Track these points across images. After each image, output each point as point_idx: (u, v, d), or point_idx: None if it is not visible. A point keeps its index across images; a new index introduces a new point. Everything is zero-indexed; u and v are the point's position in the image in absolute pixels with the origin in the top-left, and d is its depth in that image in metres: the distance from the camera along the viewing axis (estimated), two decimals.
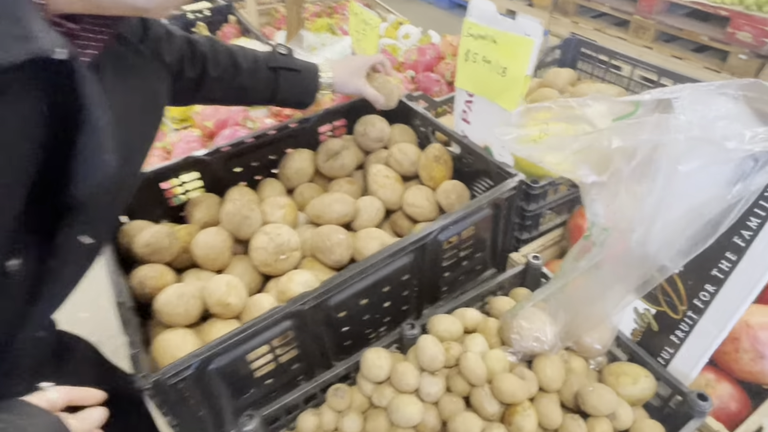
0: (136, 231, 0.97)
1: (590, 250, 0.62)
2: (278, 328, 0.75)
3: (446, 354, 0.79)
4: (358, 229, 1.08)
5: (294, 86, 1.02)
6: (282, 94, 1.02)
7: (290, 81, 1.01)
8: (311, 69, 1.04)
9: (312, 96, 1.05)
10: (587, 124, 0.54)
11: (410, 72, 1.71)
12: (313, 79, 1.04)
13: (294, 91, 1.03)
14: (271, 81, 1.00)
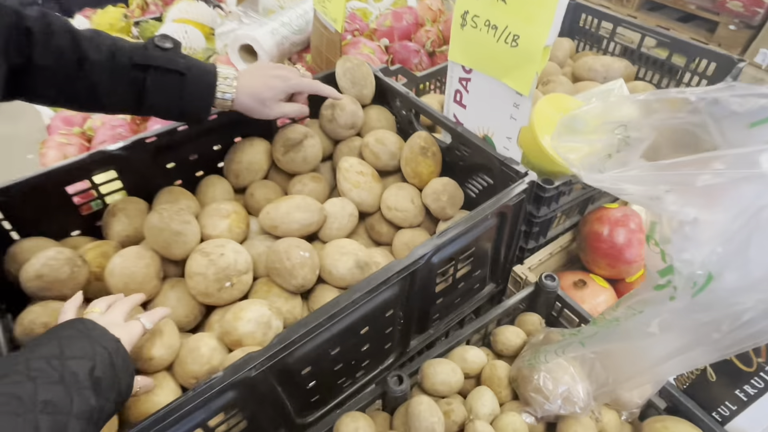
0: (28, 254, 0.73)
1: (663, 303, 0.43)
2: (217, 403, 0.54)
3: (446, 419, 0.59)
4: (327, 239, 0.86)
5: (171, 93, 0.72)
6: (152, 101, 0.72)
7: (166, 86, 0.72)
8: (204, 73, 0.74)
9: (204, 109, 0.76)
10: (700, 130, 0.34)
11: (384, 40, 1.47)
12: (205, 87, 0.74)
13: (172, 100, 0.73)
14: (135, 82, 0.71)
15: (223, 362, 0.68)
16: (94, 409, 0.45)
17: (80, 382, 0.45)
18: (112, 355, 0.50)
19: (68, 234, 0.84)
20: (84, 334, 0.50)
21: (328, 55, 1.25)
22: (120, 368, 0.50)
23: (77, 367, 0.46)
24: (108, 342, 0.51)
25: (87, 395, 0.45)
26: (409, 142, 0.90)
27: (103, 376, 0.47)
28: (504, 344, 0.73)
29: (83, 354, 0.47)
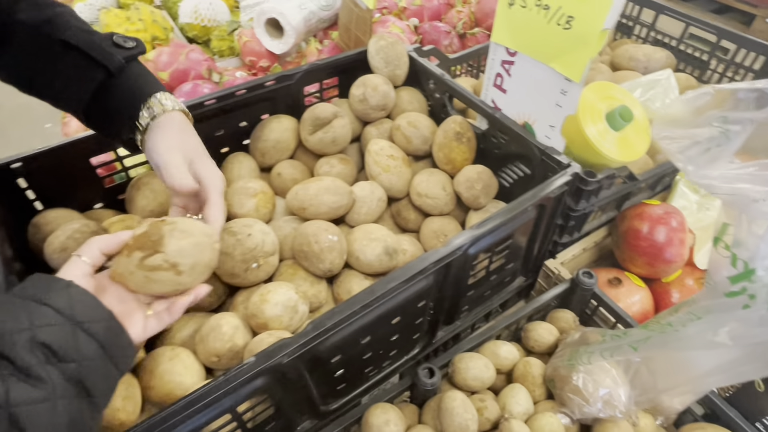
0: (52, 225, 0.71)
1: (733, 311, 0.40)
2: (246, 389, 0.52)
3: (479, 416, 0.57)
4: (354, 224, 0.84)
5: (85, 80, 0.56)
6: (60, 83, 0.57)
7: (85, 72, 0.56)
8: (144, 82, 0.59)
9: (118, 126, 0.59)
10: None
11: (413, 20, 1.42)
12: (135, 94, 0.58)
13: (82, 87, 0.57)
14: (50, 56, 0.56)
15: (247, 343, 0.66)
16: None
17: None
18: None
19: (91, 206, 0.82)
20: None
21: (358, 33, 1.21)
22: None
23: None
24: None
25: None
26: (443, 126, 0.86)
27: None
28: (536, 341, 0.71)
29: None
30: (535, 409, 0.61)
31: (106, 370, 0.41)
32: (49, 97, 0.61)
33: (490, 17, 1.38)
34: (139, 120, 0.58)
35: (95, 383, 0.40)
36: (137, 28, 1.31)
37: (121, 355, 0.43)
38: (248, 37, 1.32)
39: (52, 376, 0.37)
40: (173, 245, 0.48)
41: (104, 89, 0.58)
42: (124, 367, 0.43)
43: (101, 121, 0.61)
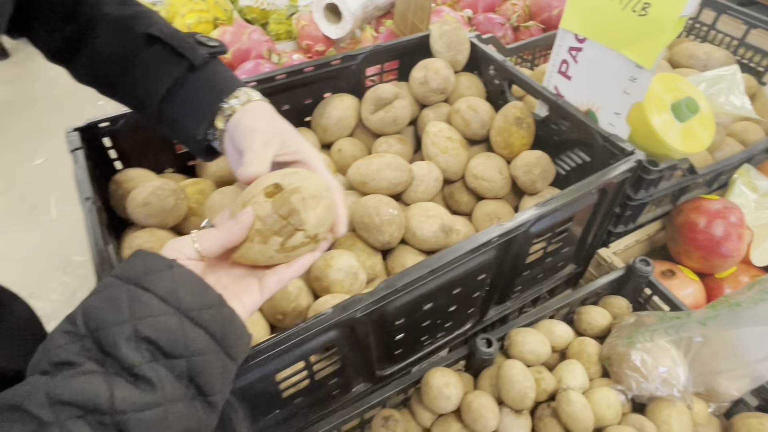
0: (132, 183, 0.76)
1: None
2: (320, 339, 0.55)
3: (537, 387, 0.59)
4: (411, 202, 0.86)
5: (165, 72, 0.53)
6: (138, 74, 0.54)
7: (167, 64, 0.53)
8: (227, 76, 0.55)
9: (198, 121, 0.53)
10: None
11: (467, 11, 1.43)
12: (218, 90, 0.53)
13: (161, 79, 0.53)
14: (134, 48, 0.54)
15: (309, 305, 0.70)
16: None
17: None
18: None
19: (163, 170, 0.86)
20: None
21: (414, 21, 1.23)
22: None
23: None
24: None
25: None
26: (502, 111, 0.88)
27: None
28: (589, 324, 0.72)
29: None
30: (590, 385, 0.62)
31: (220, 363, 0.35)
32: (127, 94, 0.57)
33: (545, 11, 1.38)
34: (221, 111, 0.52)
35: (209, 380, 0.34)
36: (201, 8, 1.36)
37: (235, 344, 0.36)
38: (306, 21, 1.36)
39: (160, 376, 0.32)
40: (311, 218, 0.41)
41: (183, 83, 0.53)
42: (239, 358, 0.38)
43: (175, 119, 0.55)
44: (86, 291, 1.04)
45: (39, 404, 0.29)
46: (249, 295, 0.41)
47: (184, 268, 0.35)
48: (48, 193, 2.06)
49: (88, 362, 0.31)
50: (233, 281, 0.42)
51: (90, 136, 0.75)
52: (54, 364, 0.31)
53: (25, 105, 2.49)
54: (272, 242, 0.41)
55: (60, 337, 0.32)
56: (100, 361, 0.31)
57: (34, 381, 0.30)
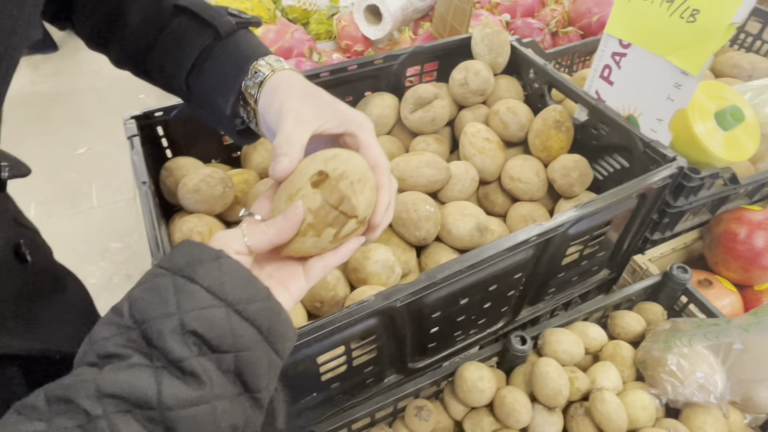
0: (182, 170, 0.79)
1: None
2: (361, 326, 0.57)
3: (570, 385, 0.60)
4: (447, 200, 0.87)
5: (191, 42, 0.50)
6: (167, 46, 0.51)
7: (193, 34, 0.50)
8: (242, 49, 0.49)
9: (224, 95, 0.48)
10: None
11: (506, 15, 1.44)
12: (235, 64, 0.48)
13: (187, 51, 0.50)
14: (161, 20, 0.51)
15: (347, 295, 0.72)
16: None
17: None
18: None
19: (209, 160, 0.90)
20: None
21: (454, 23, 1.24)
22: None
23: None
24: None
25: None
26: (542, 114, 0.89)
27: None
28: (623, 328, 0.72)
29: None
30: (624, 388, 0.63)
31: (267, 359, 0.34)
32: (158, 71, 0.54)
33: (584, 17, 1.38)
34: (247, 84, 0.47)
35: (256, 376, 0.33)
36: (246, 7, 1.40)
37: (281, 339, 0.35)
38: (346, 22, 1.39)
39: (208, 371, 0.31)
40: (362, 203, 0.39)
41: (210, 53, 0.49)
42: (285, 353, 0.36)
43: (204, 95, 0.51)
44: (122, 276, 1.10)
45: (87, 397, 0.28)
46: (295, 282, 0.39)
47: (232, 260, 0.34)
48: (90, 181, 2.15)
49: (135, 355, 0.30)
50: (277, 269, 0.40)
51: (145, 125, 0.79)
52: (101, 356, 0.31)
53: (71, 96, 2.60)
54: (326, 234, 0.39)
55: (106, 328, 0.32)
56: (147, 354, 0.30)
57: (83, 373, 0.30)
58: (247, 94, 0.47)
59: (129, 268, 1.83)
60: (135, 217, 2.03)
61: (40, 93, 2.61)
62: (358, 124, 0.44)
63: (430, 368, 0.74)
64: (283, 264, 0.40)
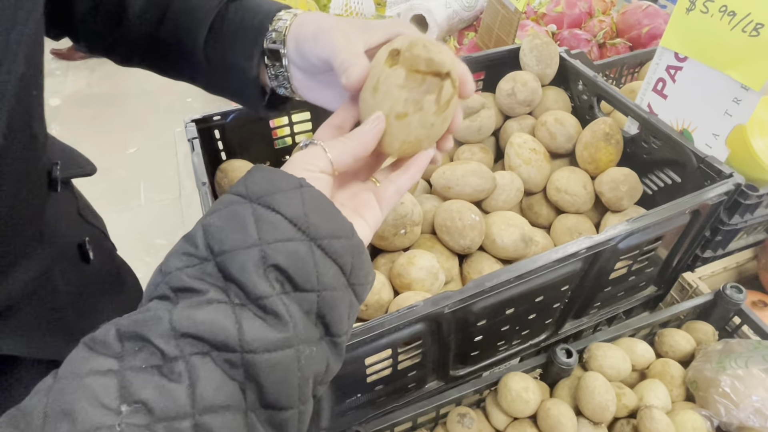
0: (237, 172, 0.82)
1: None
2: (408, 330, 0.58)
3: (617, 401, 0.59)
4: (492, 210, 0.88)
5: (198, 17, 0.46)
6: (171, 23, 0.47)
7: (198, 6, 0.47)
8: (262, 3, 0.46)
9: (248, 56, 0.45)
10: None
11: (552, 26, 1.43)
12: (254, 21, 0.45)
13: (195, 27, 0.47)
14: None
15: (391, 300, 0.73)
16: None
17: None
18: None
19: (261, 163, 0.93)
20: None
21: (501, 34, 1.25)
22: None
23: None
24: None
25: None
26: (591, 126, 0.88)
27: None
28: (671, 346, 0.70)
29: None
30: (673, 408, 0.61)
31: (348, 300, 0.31)
32: (173, 53, 0.49)
33: (634, 28, 1.36)
34: (271, 33, 0.43)
35: (338, 319, 0.30)
36: None
37: (362, 281, 0.32)
38: None
39: (291, 312, 0.28)
40: (446, 57, 0.36)
41: (224, 16, 0.46)
42: (363, 297, 0.33)
43: (223, 61, 0.47)
44: None
45: (162, 335, 0.26)
46: (370, 211, 0.37)
47: (315, 189, 0.31)
48: (138, 180, 2.25)
49: (212, 289, 0.27)
50: (349, 198, 0.38)
51: (203, 128, 0.83)
52: (175, 289, 0.28)
53: (123, 98, 2.73)
54: (427, 104, 0.35)
55: (178, 258, 0.29)
56: (224, 288, 0.28)
57: (156, 308, 0.27)
58: (272, 47, 0.44)
59: None
60: (179, 216, 2.11)
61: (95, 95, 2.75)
62: (403, 25, 0.41)
63: (470, 377, 0.75)
64: (356, 193, 0.38)
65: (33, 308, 0.43)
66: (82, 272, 0.53)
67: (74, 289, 0.51)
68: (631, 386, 0.64)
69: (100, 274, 0.59)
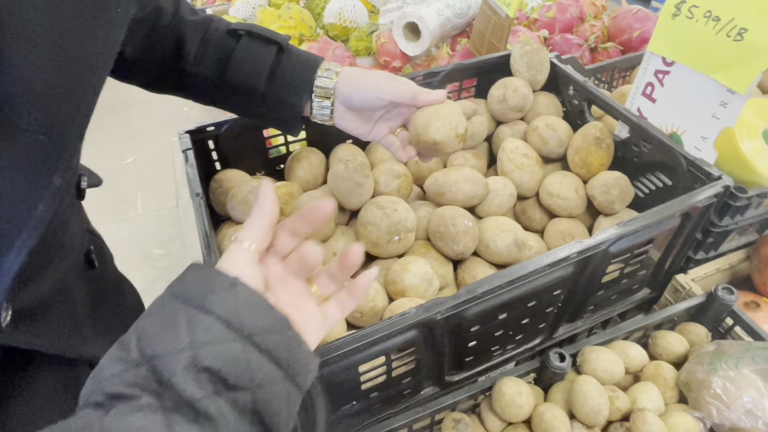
0: (231, 182, 0.83)
1: None
2: (402, 337, 0.58)
3: (611, 405, 0.59)
4: (485, 215, 0.88)
5: (260, 67, 0.59)
6: (236, 72, 0.60)
7: (258, 57, 0.60)
8: (307, 55, 0.62)
9: (299, 95, 0.60)
10: None
11: (544, 32, 1.44)
12: (304, 69, 0.61)
13: (259, 77, 0.60)
14: (225, 48, 0.60)
15: (385, 307, 0.73)
16: None
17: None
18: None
19: (255, 172, 0.94)
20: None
21: (492, 40, 1.26)
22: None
23: None
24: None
25: None
26: (582, 130, 0.89)
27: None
28: (665, 349, 0.71)
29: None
30: (666, 410, 0.62)
31: (286, 393, 0.31)
32: (233, 90, 0.61)
33: (625, 32, 1.37)
34: (319, 85, 0.60)
35: (274, 414, 0.30)
36: (289, 25, 1.46)
37: (302, 371, 0.33)
38: (385, 39, 1.42)
39: (223, 412, 0.28)
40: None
41: (278, 64, 0.60)
42: (306, 386, 0.34)
43: (277, 98, 0.61)
44: (165, 282, 1.15)
45: None
46: (310, 325, 0.37)
47: (248, 287, 0.32)
48: (136, 190, 2.25)
49: (144, 395, 0.27)
50: (288, 295, 0.38)
51: (197, 138, 0.83)
52: (108, 396, 0.28)
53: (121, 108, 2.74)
54: None
55: (113, 364, 0.29)
56: (157, 393, 0.28)
57: (88, 417, 0.27)
58: (321, 89, 0.60)
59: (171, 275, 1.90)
60: (177, 225, 2.11)
61: None
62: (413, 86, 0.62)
63: (465, 382, 0.75)
64: (298, 291, 0.39)
65: (55, 309, 0.46)
66: (88, 278, 0.56)
67: (84, 294, 0.53)
68: (624, 389, 0.65)
69: (103, 281, 0.61)
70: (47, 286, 0.44)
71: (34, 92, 0.32)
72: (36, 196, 0.34)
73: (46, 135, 0.33)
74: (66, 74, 0.34)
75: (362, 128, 0.65)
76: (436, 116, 0.60)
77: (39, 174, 0.34)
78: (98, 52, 0.37)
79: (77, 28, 0.35)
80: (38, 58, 0.32)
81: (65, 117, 0.35)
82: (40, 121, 0.33)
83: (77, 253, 0.53)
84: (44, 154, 0.34)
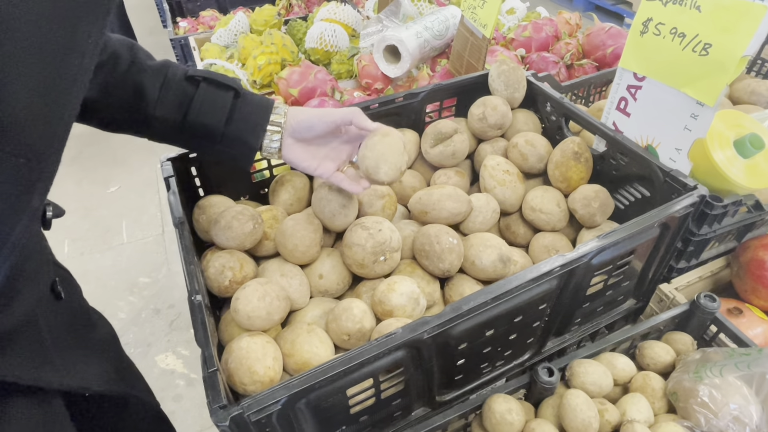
0: (214, 208, 0.83)
1: None
2: (389, 358, 0.58)
3: (600, 418, 0.59)
4: (470, 232, 0.89)
5: (219, 111, 0.66)
6: (197, 116, 0.65)
7: (216, 102, 0.66)
8: (260, 99, 0.69)
9: (256, 134, 0.67)
10: None
11: (521, 50, 1.48)
12: (260, 111, 0.68)
13: (218, 120, 0.65)
14: (185, 93, 0.65)
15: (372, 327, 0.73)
16: None
17: None
18: None
19: (239, 197, 0.94)
20: None
21: (471, 60, 1.29)
22: None
23: None
24: None
25: None
26: (560, 146, 0.90)
27: None
28: (652, 359, 0.71)
29: None
30: (656, 420, 0.62)
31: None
32: (195, 129, 0.66)
33: (599, 49, 1.41)
34: (271, 125, 0.68)
35: None
36: (271, 51, 1.48)
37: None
38: (366, 62, 1.45)
39: None
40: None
41: (234, 107, 0.66)
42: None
43: (236, 137, 0.67)
44: (150, 311, 1.15)
45: None
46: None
47: None
48: (120, 218, 2.23)
49: None
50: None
51: (180, 166, 0.83)
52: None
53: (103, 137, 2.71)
54: None
55: None
56: None
57: None
58: (275, 126, 0.69)
59: (157, 303, 1.88)
60: (163, 253, 2.09)
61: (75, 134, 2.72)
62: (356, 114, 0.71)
63: (457, 401, 0.74)
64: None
65: (23, 339, 0.47)
66: (55, 310, 0.55)
67: (51, 325, 0.52)
68: (614, 401, 0.65)
69: (70, 312, 0.60)
70: (16, 316, 0.45)
71: (17, 117, 0.33)
72: (15, 218, 0.36)
73: (25, 158, 0.35)
74: (45, 100, 0.36)
75: (309, 161, 0.72)
76: (384, 161, 0.70)
77: (19, 196, 0.35)
78: (73, 78, 0.38)
79: (56, 55, 0.36)
80: (21, 85, 0.34)
81: (44, 141, 0.37)
82: (20, 144, 0.34)
83: (43, 284, 0.53)
84: (24, 176, 0.35)
